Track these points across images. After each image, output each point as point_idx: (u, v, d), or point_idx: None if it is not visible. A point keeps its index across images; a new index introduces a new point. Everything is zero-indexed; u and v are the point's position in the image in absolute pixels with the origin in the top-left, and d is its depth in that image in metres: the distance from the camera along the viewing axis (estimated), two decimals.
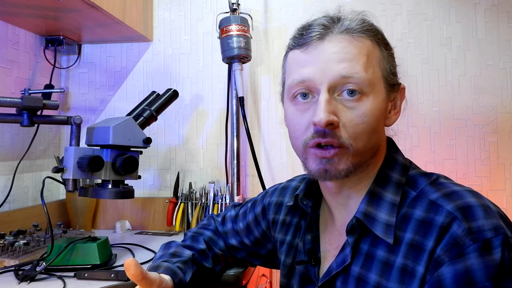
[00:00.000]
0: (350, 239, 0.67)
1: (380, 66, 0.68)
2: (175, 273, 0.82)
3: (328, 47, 0.66)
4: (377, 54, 0.68)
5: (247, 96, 1.70)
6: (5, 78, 1.47)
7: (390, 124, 0.72)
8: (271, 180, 1.66)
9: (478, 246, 0.56)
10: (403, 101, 0.74)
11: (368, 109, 0.65)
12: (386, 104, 0.69)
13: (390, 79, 0.70)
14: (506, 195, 1.58)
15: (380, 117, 0.67)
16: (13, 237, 1.23)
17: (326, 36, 0.66)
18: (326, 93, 0.64)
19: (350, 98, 0.64)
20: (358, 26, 0.67)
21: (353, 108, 0.64)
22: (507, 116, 1.59)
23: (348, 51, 0.65)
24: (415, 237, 0.61)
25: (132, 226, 1.68)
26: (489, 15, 1.61)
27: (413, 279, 0.60)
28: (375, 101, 0.66)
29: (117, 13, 1.44)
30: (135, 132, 1.19)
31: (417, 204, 0.64)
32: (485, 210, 0.59)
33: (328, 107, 0.63)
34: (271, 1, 1.71)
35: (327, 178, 0.66)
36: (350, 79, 0.64)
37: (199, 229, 1.01)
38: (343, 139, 0.64)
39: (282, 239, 0.86)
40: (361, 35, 0.67)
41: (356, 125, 0.64)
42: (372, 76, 0.66)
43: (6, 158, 1.47)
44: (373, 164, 0.70)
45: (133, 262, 0.67)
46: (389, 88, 0.69)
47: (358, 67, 0.64)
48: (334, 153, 0.64)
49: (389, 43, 0.72)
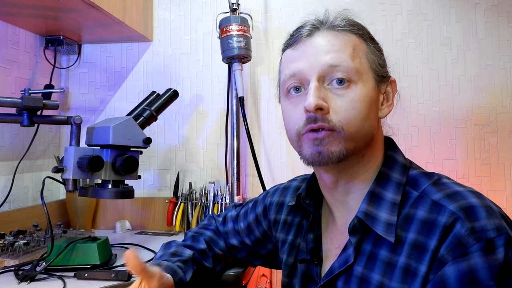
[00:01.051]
0: (353, 240, 0.68)
1: (368, 58, 0.71)
2: (175, 272, 0.82)
3: (316, 41, 0.70)
4: (363, 47, 0.71)
5: (247, 96, 1.70)
6: (5, 78, 1.47)
7: (383, 116, 0.73)
8: (271, 180, 1.66)
9: (482, 245, 0.56)
10: (395, 94, 0.75)
11: (358, 96, 0.67)
12: (377, 94, 0.71)
13: (379, 70, 0.71)
14: (506, 195, 1.58)
15: (371, 105, 0.69)
16: (13, 237, 1.23)
17: (313, 33, 0.71)
18: (316, 82, 0.67)
19: (339, 86, 0.67)
20: (343, 22, 0.71)
21: (342, 95, 0.67)
22: (507, 116, 1.59)
23: (335, 43, 0.69)
24: (418, 237, 0.62)
25: (132, 226, 1.68)
26: (489, 15, 1.61)
27: (415, 278, 0.60)
28: (364, 88, 0.68)
29: (117, 13, 1.44)
30: (135, 132, 1.19)
31: (420, 205, 0.64)
32: (488, 211, 0.60)
33: (318, 93, 0.66)
34: (271, 1, 1.71)
35: (321, 161, 0.67)
36: (338, 67, 0.67)
37: (199, 229, 1.01)
38: (334, 123, 0.66)
39: (283, 239, 0.86)
40: (346, 30, 0.70)
41: (346, 110, 0.66)
42: (359, 65, 0.68)
43: (6, 158, 1.47)
44: (368, 157, 0.71)
45: (132, 253, 0.69)
46: (378, 79, 0.71)
47: (344, 56, 0.68)
48: (326, 134, 0.66)
49: (374, 38, 0.75)
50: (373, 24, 1.62)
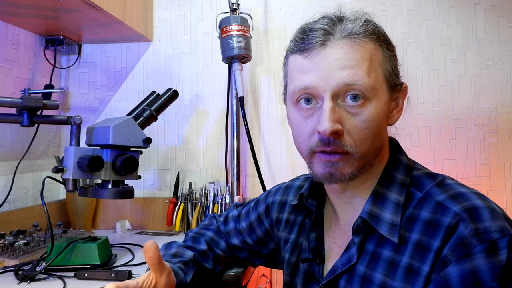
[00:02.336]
0: (356, 239, 0.68)
1: (383, 69, 0.68)
2: (176, 273, 0.82)
3: (330, 53, 0.65)
4: (379, 57, 0.68)
5: (247, 96, 1.70)
6: (5, 78, 1.47)
7: (392, 123, 0.72)
8: (271, 180, 1.66)
9: (485, 247, 0.56)
10: (405, 99, 0.74)
11: (372, 114, 0.65)
12: (389, 105, 0.70)
13: (392, 80, 0.70)
14: (506, 195, 1.58)
15: (383, 120, 0.68)
16: (13, 237, 1.23)
17: (328, 42, 0.65)
18: (330, 101, 0.64)
19: (354, 104, 0.64)
20: (361, 29, 0.66)
21: (356, 114, 0.65)
22: (507, 116, 1.59)
23: (351, 57, 0.64)
24: (421, 237, 0.62)
25: (132, 226, 1.68)
26: (489, 15, 1.61)
27: (418, 278, 0.60)
28: (377, 105, 0.66)
29: (117, 13, 1.44)
30: (135, 132, 1.19)
31: (424, 206, 0.65)
32: (491, 212, 0.60)
33: (333, 115, 0.63)
34: (271, 1, 1.71)
35: (332, 181, 0.67)
36: (353, 86, 0.64)
37: (200, 229, 1.01)
38: (348, 147, 0.64)
39: (286, 238, 0.86)
40: (363, 39, 0.66)
41: (360, 131, 0.65)
42: (374, 80, 0.65)
43: (6, 158, 1.47)
44: (376, 164, 0.71)
45: (153, 245, 0.69)
46: (391, 90, 0.70)
47: (360, 73, 0.64)
48: (340, 158, 0.65)
49: (391, 43, 0.71)
50: None
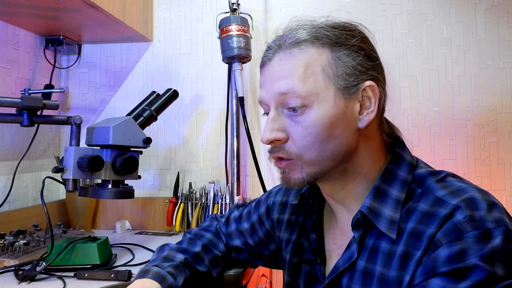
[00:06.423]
0: (356, 234, 0.68)
1: (326, 72, 0.66)
2: (164, 278, 0.82)
3: (270, 66, 0.70)
4: (322, 60, 0.66)
5: (247, 96, 1.70)
6: (5, 78, 1.47)
7: (364, 126, 0.68)
8: (271, 180, 1.66)
9: (478, 233, 0.56)
10: (378, 98, 0.68)
11: (313, 120, 0.66)
12: (343, 108, 0.66)
13: (344, 82, 0.66)
14: (506, 195, 1.58)
15: (333, 124, 0.66)
16: (13, 237, 1.23)
17: (273, 56, 0.70)
18: (274, 111, 0.68)
19: (294, 114, 0.67)
20: (300, 38, 0.68)
21: (298, 122, 0.67)
22: (507, 116, 1.59)
23: (285, 68, 0.67)
24: (417, 226, 0.62)
25: (132, 226, 1.68)
26: (489, 15, 1.61)
27: (410, 262, 0.61)
28: (320, 110, 0.66)
29: (117, 13, 1.44)
30: (135, 132, 1.19)
31: (422, 199, 0.65)
32: (490, 204, 0.60)
33: (272, 125, 0.68)
34: (271, 1, 1.71)
35: (287, 186, 0.71)
36: (288, 94, 0.66)
37: (199, 231, 1.01)
38: (290, 153, 0.67)
39: (287, 239, 0.86)
40: (302, 47, 0.67)
41: (302, 138, 0.67)
42: (313, 85, 0.66)
43: (6, 158, 1.47)
44: (352, 168, 0.69)
45: None
46: (345, 91, 0.66)
47: (293, 81, 0.66)
48: (285, 164, 0.69)
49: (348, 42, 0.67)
50: (373, 24, 1.62)
